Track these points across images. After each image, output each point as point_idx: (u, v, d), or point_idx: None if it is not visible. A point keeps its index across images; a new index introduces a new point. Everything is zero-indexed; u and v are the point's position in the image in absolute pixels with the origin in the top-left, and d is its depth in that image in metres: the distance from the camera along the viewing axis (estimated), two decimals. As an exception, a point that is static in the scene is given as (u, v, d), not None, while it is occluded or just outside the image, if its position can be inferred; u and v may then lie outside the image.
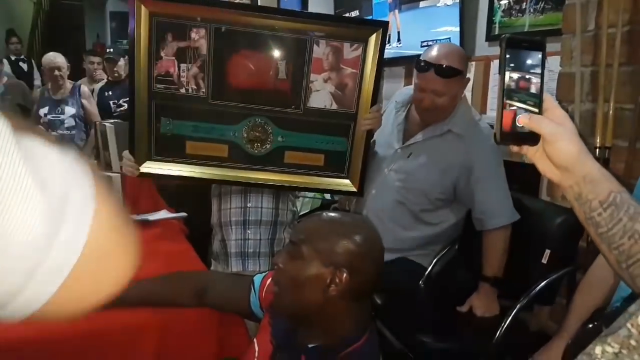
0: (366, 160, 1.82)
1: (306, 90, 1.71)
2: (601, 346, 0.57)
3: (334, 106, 1.74)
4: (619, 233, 0.70)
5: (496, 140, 0.70)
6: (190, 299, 1.31)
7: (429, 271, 2.02)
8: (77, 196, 0.40)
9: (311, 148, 1.78)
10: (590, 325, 1.18)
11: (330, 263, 1.00)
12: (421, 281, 2.01)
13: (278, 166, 1.78)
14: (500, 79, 0.68)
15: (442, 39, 2.63)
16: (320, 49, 1.67)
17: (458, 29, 2.55)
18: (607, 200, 0.70)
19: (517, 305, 1.68)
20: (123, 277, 0.44)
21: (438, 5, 2.68)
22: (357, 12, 3.38)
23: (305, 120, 1.74)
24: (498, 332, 1.65)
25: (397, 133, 2.04)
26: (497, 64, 0.79)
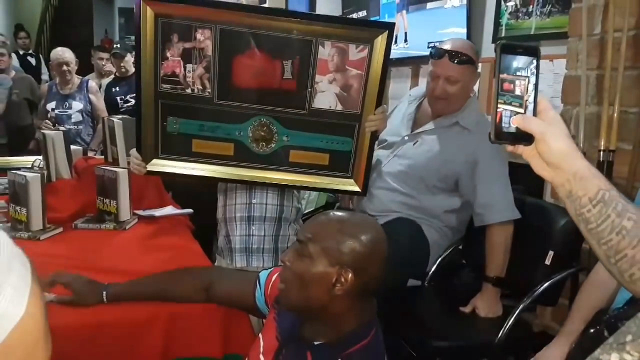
0: (370, 160, 1.83)
1: (311, 91, 1.72)
2: (618, 354, 0.58)
3: (339, 107, 1.75)
4: (608, 229, 0.73)
5: (491, 140, 0.73)
6: (198, 293, 1.33)
7: (432, 271, 2.03)
8: (19, 270, 0.42)
9: (316, 147, 1.79)
10: (592, 330, 1.19)
11: (337, 262, 1.01)
12: (425, 281, 2.02)
13: (283, 165, 1.80)
14: (495, 82, 0.72)
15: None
16: (326, 50, 1.68)
17: (465, 30, 2.56)
18: (596, 197, 0.72)
19: (520, 305, 1.69)
20: None
21: (445, 6, 2.69)
22: (365, 12, 3.39)
23: (310, 120, 1.75)
24: (501, 332, 1.66)
25: (407, 122, 2.08)
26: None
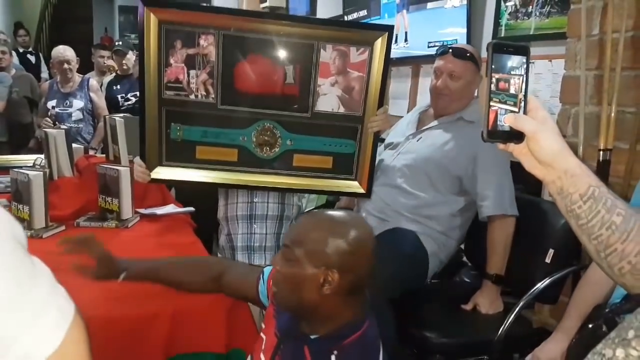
0: (374, 161, 1.85)
1: (314, 95, 1.73)
2: (624, 349, 0.59)
3: (342, 109, 1.77)
4: (598, 224, 0.74)
5: (483, 138, 0.74)
6: (210, 283, 1.37)
7: (434, 271, 2.02)
8: (61, 302, 0.47)
9: (320, 151, 1.81)
10: (591, 325, 1.21)
11: (322, 264, 1.04)
12: (428, 279, 2.02)
13: (287, 169, 1.81)
14: (487, 81, 0.73)
15: (449, 40, 2.66)
16: (327, 53, 1.70)
17: (465, 30, 2.57)
18: (587, 193, 0.74)
19: (520, 303, 1.70)
20: None
21: (446, 6, 2.70)
22: (365, 12, 3.40)
23: (313, 123, 1.77)
24: (501, 329, 1.67)
25: (412, 125, 2.11)
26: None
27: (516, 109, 0.73)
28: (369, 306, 1.13)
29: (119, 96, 4.18)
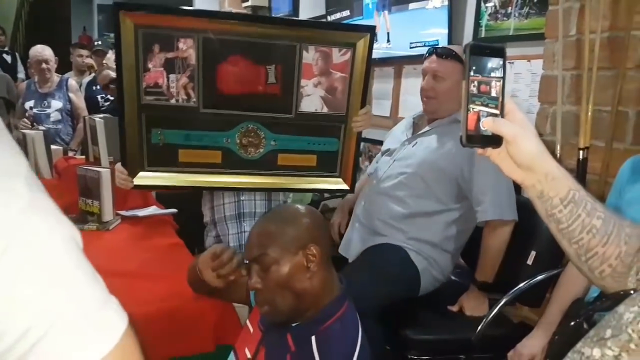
0: (357, 159, 1.86)
1: (297, 96, 1.73)
2: (600, 349, 0.60)
3: (325, 109, 1.77)
4: (578, 228, 0.74)
5: (462, 143, 0.73)
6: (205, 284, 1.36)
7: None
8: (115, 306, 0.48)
9: (304, 150, 1.80)
10: (572, 323, 1.24)
11: (298, 248, 1.09)
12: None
13: (272, 169, 1.80)
14: (465, 85, 0.71)
15: (431, 41, 2.68)
16: (310, 54, 1.69)
17: (446, 31, 2.60)
18: (567, 197, 0.74)
19: (499, 304, 1.67)
20: None
21: (427, 7, 2.73)
22: (348, 12, 3.41)
23: (297, 124, 1.76)
24: (478, 329, 1.66)
25: (407, 130, 2.11)
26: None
27: (494, 112, 0.72)
28: (345, 285, 1.18)
29: (99, 96, 4.13)
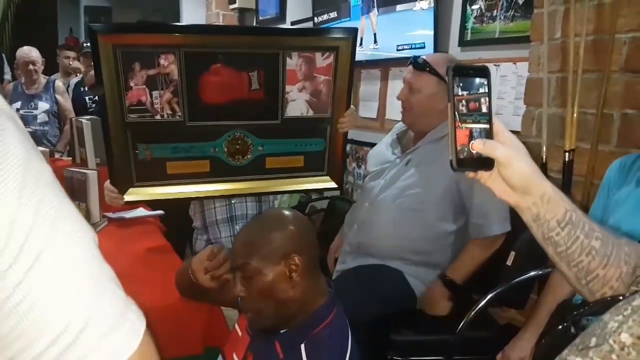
0: (344, 156, 1.87)
1: (283, 102, 1.74)
2: (582, 359, 0.59)
3: (310, 112, 1.78)
4: (577, 251, 0.72)
5: (453, 168, 0.69)
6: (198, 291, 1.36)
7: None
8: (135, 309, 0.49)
9: (291, 152, 1.82)
10: (560, 327, 1.25)
11: (280, 258, 1.07)
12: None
13: (260, 173, 1.80)
14: (450, 107, 0.69)
15: (418, 43, 2.70)
16: (293, 60, 1.70)
17: (432, 33, 2.61)
18: (564, 219, 0.71)
19: (477, 307, 1.63)
20: None
21: (414, 9, 2.74)
22: (336, 14, 3.42)
23: (283, 128, 1.77)
24: (458, 329, 1.64)
25: (393, 149, 2.03)
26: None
27: (483, 129, 0.69)
28: (328, 284, 1.17)
29: (87, 98, 4.11)
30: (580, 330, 0.66)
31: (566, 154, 1.86)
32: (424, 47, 2.63)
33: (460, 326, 1.64)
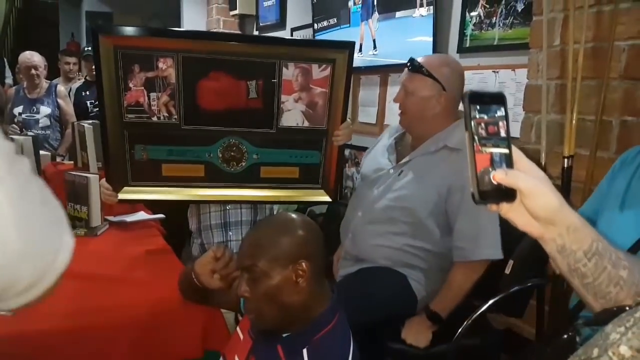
0: (340, 170, 1.87)
1: (278, 111, 1.75)
2: None
3: (306, 124, 1.80)
4: (605, 281, 0.69)
5: (475, 200, 0.65)
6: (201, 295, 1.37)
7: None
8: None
9: (286, 162, 1.83)
10: (565, 336, 1.24)
11: (288, 262, 1.07)
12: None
13: (255, 182, 1.82)
14: (468, 136, 0.65)
15: (417, 49, 2.72)
16: (290, 71, 1.72)
17: (431, 39, 2.63)
18: (591, 249, 0.68)
19: (474, 315, 1.57)
20: None
21: (414, 15, 2.76)
22: (335, 20, 3.44)
23: (278, 138, 1.79)
24: (454, 339, 1.58)
25: (387, 153, 1.94)
26: (468, 76, 0.78)
27: (502, 157, 0.65)
28: (332, 290, 1.17)
29: (88, 102, 4.12)
30: (586, 339, 0.65)
31: (565, 160, 1.87)
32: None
33: (458, 334, 1.60)
